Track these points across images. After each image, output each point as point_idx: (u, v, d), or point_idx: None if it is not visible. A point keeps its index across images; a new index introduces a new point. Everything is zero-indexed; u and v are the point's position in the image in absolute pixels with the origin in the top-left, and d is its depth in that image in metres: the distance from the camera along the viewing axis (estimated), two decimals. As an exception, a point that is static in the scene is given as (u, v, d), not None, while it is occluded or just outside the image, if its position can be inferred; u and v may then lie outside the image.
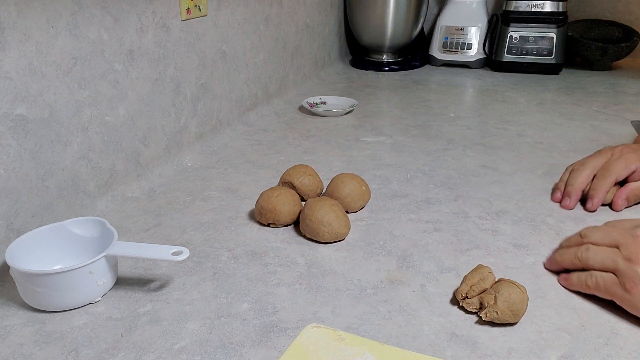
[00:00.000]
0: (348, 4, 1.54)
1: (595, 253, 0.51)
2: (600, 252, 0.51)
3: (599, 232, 0.53)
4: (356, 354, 0.43)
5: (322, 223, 0.60)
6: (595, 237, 0.53)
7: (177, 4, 0.81)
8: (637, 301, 0.47)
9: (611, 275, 0.49)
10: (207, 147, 0.90)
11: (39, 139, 0.59)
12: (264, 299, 0.51)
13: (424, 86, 1.35)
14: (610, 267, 0.49)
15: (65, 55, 0.62)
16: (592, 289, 0.50)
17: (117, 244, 0.51)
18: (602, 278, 0.49)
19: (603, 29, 1.54)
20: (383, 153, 0.89)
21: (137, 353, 0.44)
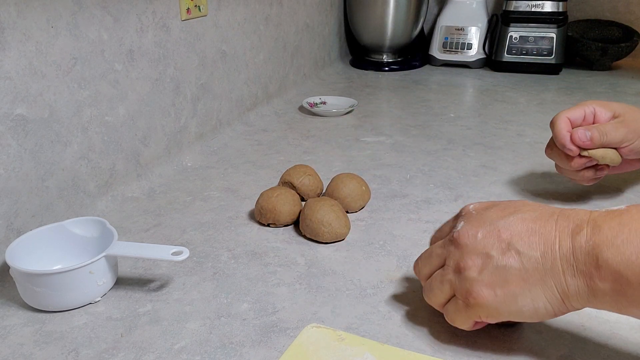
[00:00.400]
0: (348, 4, 1.54)
1: (430, 287, 0.45)
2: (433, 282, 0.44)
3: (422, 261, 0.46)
4: (356, 354, 0.43)
5: (322, 223, 0.60)
6: (423, 270, 0.46)
7: (177, 4, 0.81)
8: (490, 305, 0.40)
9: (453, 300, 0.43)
10: (207, 147, 0.90)
11: (39, 139, 0.59)
12: (264, 299, 0.51)
13: (424, 86, 1.35)
14: (448, 292, 0.43)
15: (65, 55, 0.62)
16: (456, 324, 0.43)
17: (117, 244, 0.51)
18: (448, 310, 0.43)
19: (603, 29, 1.54)
20: (383, 153, 0.89)
21: (137, 353, 0.44)
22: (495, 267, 0.39)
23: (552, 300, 0.39)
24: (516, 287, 0.39)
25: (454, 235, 0.42)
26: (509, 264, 0.39)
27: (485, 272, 0.40)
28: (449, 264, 0.42)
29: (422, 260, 0.47)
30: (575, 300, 0.38)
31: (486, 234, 0.41)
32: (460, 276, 0.41)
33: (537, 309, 0.39)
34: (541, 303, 0.39)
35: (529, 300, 0.39)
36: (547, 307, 0.39)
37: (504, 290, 0.39)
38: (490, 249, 0.40)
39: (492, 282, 0.40)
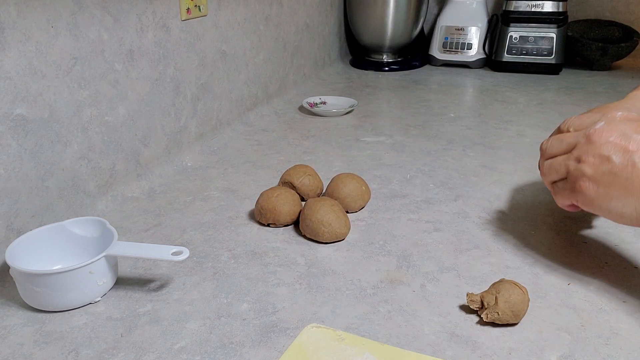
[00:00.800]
0: (348, 4, 1.54)
1: (550, 165, 0.52)
2: (554, 163, 0.52)
3: (552, 142, 0.53)
4: (356, 354, 0.43)
5: (322, 223, 0.60)
6: (549, 149, 0.53)
7: (177, 4, 0.81)
8: (587, 198, 0.48)
9: (564, 181, 0.51)
10: (207, 147, 0.90)
11: (39, 139, 0.59)
12: (264, 299, 0.51)
13: (424, 86, 1.35)
14: (563, 172, 0.51)
15: (65, 55, 0.62)
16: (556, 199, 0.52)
17: (117, 244, 0.51)
18: (557, 187, 0.52)
19: (603, 29, 1.54)
20: (383, 153, 0.89)
21: (137, 353, 0.44)
22: (609, 171, 0.46)
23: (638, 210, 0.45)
24: (616, 191, 0.46)
25: (590, 131, 0.48)
26: (621, 173, 0.45)
27: (599, 171, 0.47)
28: (574, 153, 0.49)
29: (553, 141, 0.53)
30: None
31: (617, 140, 0.46)
32: (578, 166, 0.48)
33: (624, 213, 0.46)
34: (629, 210, 0.46)
35: (621, 205, 0.46)
36: (632, 215, 0.46)
37: (606, 190, 0.47)
38: (613, 154, 0.46)
39: (599, 180, 0.47)
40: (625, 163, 0.45)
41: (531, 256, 0.58)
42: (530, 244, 0.60)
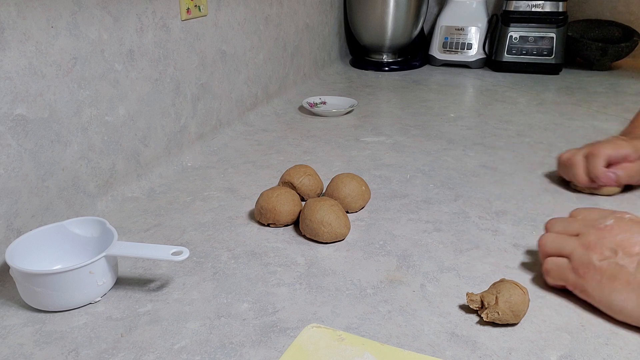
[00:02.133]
0: (348, 4, 1.54)
1: (553, 239, 0.52)
2: (558, 238, 0.52)
3: (561, 222, 0.54)
4: (356, 354, 0.43)
5: (322, 223, 0.60)
6: (556, 227, 0.54)
7: (177, 4, 0.81)
8: (588, 286, 0.48)
9: (564, 260, 0.50)
10: (207, 147, 0.90)
11: (39, 139, 0.59)
12: (264, 299, 0.51)
13: (424, 86, 1.35)
14: (566, 252, 0.50)
15: (65, 55, 0.62)
16: (546, 274, 0.51)
17: (117, 244, 0.51)
18: (554, 263, 0.51)
19: (603, 29, 1.54)
20: (383, 153, 0.89)
21: (137, 353, 0.44)
22: (615, 263, 0.47)
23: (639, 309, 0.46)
24: (619, 285, 0.46)
25: (601, 226, 0.50)
26: (626, 266, 0.46)
27: (605, 262, 0.47)
28: (582, 239, 0.50)
29: (560, 221, 0.55)
30: None
31: (625, 239, 0.48)
32: (585, 252, 0.49)
33: (624, 308, 0.46)
34: (630, 306, 0.46)
35: (622, 299, 0.46)
36: (633, 312, 0.46)
37: (609, 282, 0.47)
38: (620, 249, 0.47)
39: (604, 271, 0.47)
40: (631, 259, 0.46)
41: (531, 256, 0.58)
42: (530, 244, 0.60)
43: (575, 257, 0.49)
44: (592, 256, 0.48)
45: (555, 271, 0.51)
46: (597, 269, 0.47)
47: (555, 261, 0.51)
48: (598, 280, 0.47)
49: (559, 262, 0.50)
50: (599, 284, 0.47)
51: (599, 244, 0.48)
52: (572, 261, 0.49)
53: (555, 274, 0.51)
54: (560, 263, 0.50)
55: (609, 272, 0.47)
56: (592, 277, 0.48)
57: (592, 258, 0.48)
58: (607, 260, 0.47)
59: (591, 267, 0.48)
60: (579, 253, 0.49)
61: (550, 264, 0.51)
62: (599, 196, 0.72)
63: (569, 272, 0.49)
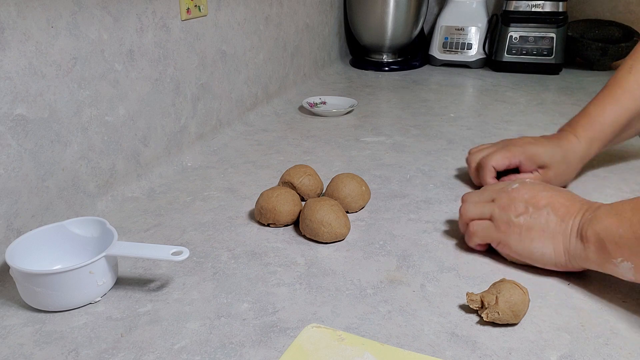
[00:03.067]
0: (348, 4, 1.54)
1: (474, 207, 0.58)
2: (478, 206, 0.58)
3: (475, 194, 0.60)
4: (356, 354, 0.43)
5: (322, 223, 0.60)
6: (472, 198, 0.60)
7: (177, 4, 0.81)
8: (510, 240, 0.54)
9: (487, 221, 0.57)
10: (207, 147, 0.90)
11: (39, 139, 0.59)
12: (264, 299, 0.51)
13: (424, 86, 1.35)
14: (487, 215, 0.57)
15: (65, 55, 0.62)
16: (473, 235, 0.57)
17: (117, 244, 0.51)
18: (479, 225, 0.57)
19: (603, 29, 1.54)
20: (383, 153, 0.89)
21: (137, 353, 0.44)
22: (529, 216, 0.54)
23: (557, 253, 0.52)
24: (535, 234, 0.53)
25: (509, 189, 0.57)
26: (538, 218, 0.53)
27: (521, 217, 0.54)
28: (497, 203, 0.57)
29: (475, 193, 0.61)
30: (574, 257, 0.51)
31: (531, 196, 0.55)
32: (503, 212, 0.55)
33: (544, 254, 0.53)
34: (548, 251, 0.53)
35: (540, 246, 0.53)
36: (552, 256, 0.53)
37: (527, 233, 0.54)
38: (530, 205, 0.54)
39: (521, 225, 0.54)
40: (541, 211, 0.53)
41: (531, 256, 0.58)
42: (530, 244, 0.60)
43: (496, 217, 0.56)
44: (510, 214, 0.55)
45: (480, 232, 0.57)
46: (515, 224, 0.54)
47: (479, 224, 0.57)
48: (518, 233, 0.54)
49: (483, 223, 0.57)
50: (519, 237, 0.54)
51: (512, 204, 0.55)
52: (493, 221, 0.56)
53: (481, 234, 0.57)
54: (484, 225, 0.56)
55: (525, 225, 0.53)
56: (512, 232, 0.54)
57: (510, 216, 0.54)
58: (522, 215, 0.54)
59: (510, 224, 0.54)
60: (498, 214, 0.56)
61: (476, 226, 0.57)
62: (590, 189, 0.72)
63: (493, 230, 0.56)
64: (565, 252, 0.52)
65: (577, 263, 0.52)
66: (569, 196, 0.55)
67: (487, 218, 0.57)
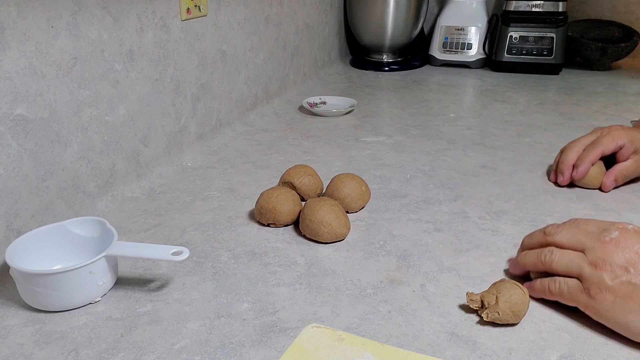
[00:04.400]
0: (348, 4, 1.54)
1: (560, 257, 0.49)
2: (565, 255, 0.49)
3: (564, 233, 0.50)
4: (356, 354, 0.43)
5: (322, 223, 0.60)
6: (560, 237, 0.50)
7: (177, 4, 0.81)
8: (601, 308, 0.45)
9: (575, 281, 0.47)
10: (207, 147, 0.90)
11: (39, 139, 0.59)
12: (264, 299, 0.51)
13: (424, 86, 1.35)
14: (575, 272, 0.47)
15: (65, 55, 0.62)
16: (556, 295, 0.48)
17: (117, 244, 0.51)
18: (565, 284, 0.48)
19: (603, 29, 1.54)
20: (383, 153, 0.89)
21: (137, 353, 0.44)
22: (628, 281, 0.44)
23: None
24: (635, 305, 0.44)
25: (606, 239, 0.47)
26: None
27: (617, 280, 0.45)
28: (588, 256, 0.47)
29: (564, 230, 0.50)
30: None
31: (634, 253, 0.45)
32: (594, 272, 0.46)
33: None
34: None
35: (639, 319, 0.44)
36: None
37: (624, 302, 0.44)
38: (631, 266, 0.45)
39: (618, 291, 0.44)
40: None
41: (531, 256, 0.58)
42: (530, 244, 0.60)
43: (585, 276, 0.46)
44: (604, 275, 0.45)
45: (566, 295, 0.48)
46: (609, 289, 0.45)
47: (567, 282, 0.48)
48: (611, 301, 0.45)
49: (570, 283, 0.47)
50: (612, 305, 0.45)
51: (608, 261, 0.46)
52: (582, 282, 0.47)
53: (567, 296, 0.48)
54: (571, 286, 0.47)
55: (622, 292, 0.44)
56: (604, 298, 0.45)
57: (604, 277, 0.45)
58: (619, 279, 0.44)
59: (603, 288, 0.45)
60: (588, 273, 0.46)
61: (563, 285, 0.48)
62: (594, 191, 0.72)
63: (581, 293, 0.47)
64: None
65: None
66: None
67: (574, 275, 0.48)
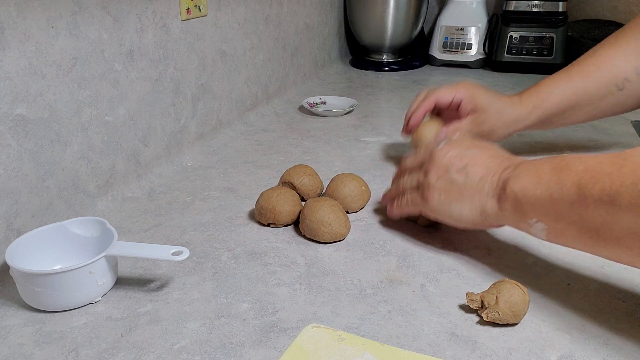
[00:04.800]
0: (348, 4, 1.54)
1: (408, 178, 0.58)
2: (411, 175, 0.58)
3: (410, 158, 0.60)
4: (356, 354, 0.43)
5: (322, 223, 0.60)
6: (407, 163, 0.60)
7: (177, 4, 0.81)
8: (431, 204, 0.54)
9: (414, 194, 0.57)
10: (207, 147, 0.90)
11: (39, 139, 0.59)
12: (264, 299, 0.51)
13: (424, 86, 1.35)
14: (415, 184, 0.57)
15: (65, 55, 0.62)
16: (404, 207, 0.58)
17: (117, 244, 0.51)
18: (410, 194, 0.57)
19: (603, 29, 1.53)
20: (383, 153, 0.89)
21: (137, 353, 0.44)
22: (447, 179, 0.53)
23: (474, 212, 0.52)
24: (453, 197, 0.53)
25: (433, 150, 0.56)
26: (456, 180, 0.53)
27: (440, 180, 0.54)
28: (423, 168, 0.56)
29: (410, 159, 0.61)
30: (490, 216, 0.51)
31: (453, 155, 0.54)
32: (425, 177, 0.56)
33: (462, 215, 0.53)
34: (466, 212, 0.53)
35: (459, 208, 0.53)
36: (469, 216, 0.53)
37: (446, 196, 0.54)
38: (451, 166, 0.54)
39: (441, 188, 0.54)
40: (460, 172, 0.53)
41: (531, 256, 0.58)
42: (530, 244, 0.60)
43: (420, 183, 0.56)
44: (430, 178, 0.54)
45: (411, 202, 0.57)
46: (434, 187, 0.54)
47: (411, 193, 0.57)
48: (438, 196, 0.54)
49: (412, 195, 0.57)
50: (439, 200, 0.54)
51: (434, 165, 0.54)
52: (419, 188, 0.56)
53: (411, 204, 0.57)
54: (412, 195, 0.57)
55: (444, 188, 0.53)
56: (432, 196, 0.54)
57: (431, 180, 0.54)
58: (442, 177, 0.53)
59: (430, 187, 0.54)
60: (422, 180, 0.56)
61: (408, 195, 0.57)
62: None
63: (418, 200, 0.56)
64: (481, 212, 0.52)
65: (494, 221, 0.52)
66: (492, 152, 0.54)
67: (415, 186, 0.57)
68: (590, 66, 0.73)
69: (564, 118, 0.74)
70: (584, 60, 0.75)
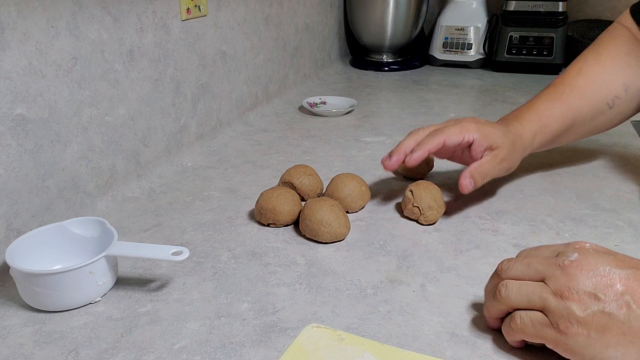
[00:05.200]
0: (348, 4, 1.54)
1: (518, 289, 0.43)
2: (523, 287, 0.42)
3: (517, 265, 0.44)
4: (356, 354, 0.43)
5: (322, 223, 0.60)
6: (514, 271, 0.44)
7: (177, 4, 0.81)
8: (574, 344, 0.39)
9: (539, 313, 0.41)
10: (207, 147, 0.90)
11: (39, 139, 0.59)
12: (264, 299, 0.51)
13: (424, 86, 1.35)
14: (538, 305, 0.41)
15: (65, 55, 0.62)
16: (518, 332, 0.42)
17: (117, 244, 0.51)
18: (527, 317, 0.41)
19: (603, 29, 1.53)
20: (383, 153, 0.89)
21: (137, 353, 0.44)
22: (600, 311, 0.38)
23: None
24: (612, 338, 0.38)
25: (565, 262, 0.41)
26: (616, 314, 0.38)
27: (589, 311, 0.38)
28: (551, 285, 0.41)
29: (517, 263, 0.44)
30: None
31: (601, 276, 0.39)
32: (561, 303, 0.40)
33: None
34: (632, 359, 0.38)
35: (620, 354, 0.38)
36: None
37: (600, 335, 0.38)
38: (601, 292, 0.39)
39: (590, 323, 0.38)
40: (618, 302, 0.38)
41: (531, 256, 0.58)
42: (530, 244, 0.60)
43: (551, 309, 0.40)
44: (572, 306, 0.39)
45: (530, 329, 0.41)
46: (581, 322, 0.39)
47: (530, 316, 0.41)
48: (586, 335, 0.39)
49: (534, 316, 0.41)
50: (587, 340, 0.39)
51: (573, 288, 0.39)
52: (547, 314, 0.40)
53: (531, 331, 0.41)
54: (534, 319, 0.41)
55: (596, 324, 0.38)
56: (577, 333, 0.39)
57: (573, 309, 0.39)
58: (590, 309, 0.38)
59: (574, 321, 0.39)
60: (554, 305, 0.40)
61: (524, 319, 0.42)
62: (594, 192, 0.72)
63: (549, 328, 0.40)
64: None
65: None
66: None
67: (537, 308, 0.41)
68: (583, 86, 0.70)
69: (559, 140, 0.73)
70: (572, 79, 0.71)
